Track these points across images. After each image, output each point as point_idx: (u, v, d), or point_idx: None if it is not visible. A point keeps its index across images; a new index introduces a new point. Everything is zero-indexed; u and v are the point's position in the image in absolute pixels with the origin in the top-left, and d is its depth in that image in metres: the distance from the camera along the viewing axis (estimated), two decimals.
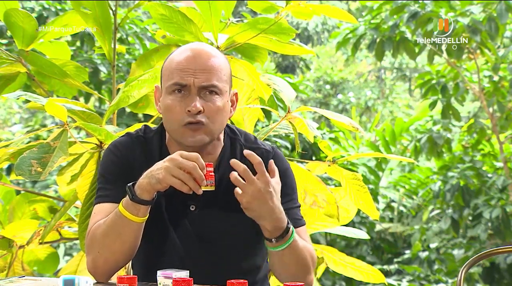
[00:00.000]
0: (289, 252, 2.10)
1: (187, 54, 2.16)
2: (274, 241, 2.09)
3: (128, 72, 6.25)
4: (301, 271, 2.14)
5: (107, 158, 2.23)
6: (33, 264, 3.52)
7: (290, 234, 2.09)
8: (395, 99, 15.48)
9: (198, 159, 2.01)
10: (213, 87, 2.14)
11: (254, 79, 3.24)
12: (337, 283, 8.23)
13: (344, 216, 3.28)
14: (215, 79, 2.14)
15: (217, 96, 2.15)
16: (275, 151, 2.27)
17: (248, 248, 2.24)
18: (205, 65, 2.14)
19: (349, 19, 3.37)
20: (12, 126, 12.35)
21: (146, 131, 2.28)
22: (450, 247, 8.61)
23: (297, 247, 2.11)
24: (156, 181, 2.01)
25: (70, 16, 3.43)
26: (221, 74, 2.16)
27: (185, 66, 2.14)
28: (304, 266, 2.14)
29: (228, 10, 3.31)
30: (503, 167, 8.21)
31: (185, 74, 2.13)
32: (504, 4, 6.76)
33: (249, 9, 3.74)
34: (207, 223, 2.19)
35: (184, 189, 2.01)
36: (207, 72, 2.14)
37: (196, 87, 2.13)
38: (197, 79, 2.13)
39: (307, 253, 2.15)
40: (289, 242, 2.09)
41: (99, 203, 2.18)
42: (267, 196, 2.03)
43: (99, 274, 2.15)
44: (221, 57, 2.20)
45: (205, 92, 2.14)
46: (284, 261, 2.12)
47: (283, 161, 2.26)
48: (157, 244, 2.21)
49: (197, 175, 2.00)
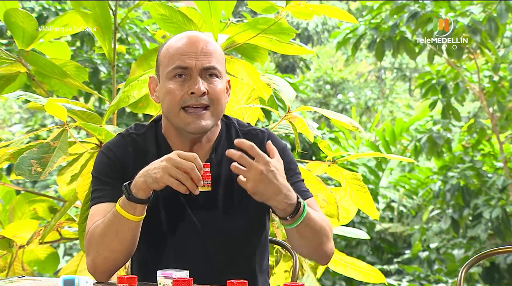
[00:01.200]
0: (306, 226, 2.09)
1: (185, 40, 2.19)
2: (289, 218, 2.07)
3: (128, 72, 6.25)
4: (322, 240, 2.15)
5: (100, 160, 2.23)
6: (33, 264, 3.52)
7: (302, 208, 2.08)
8: (395, 99, 15.48)
9: (196, 159, 2.01)
10: (214, 69, 2.16)
11: (254, 79, 3.24)
12: (337, 283, 8.23)
13: (344, 216, 3.28)
14: (215, 62, 2.17)
15: (218, 79, 2.17)
16: (269, 132, 2.28)
17: (248, 245, 2.23)
18: (205, 48, 2.16)
19: (349, 19, 3.37)
20: (12, 126, 12.35)
21: (137, 128, 2.28)
22: (450, 247, 8.61)
23: (313, 219, 2.11)
24: (153, 180, 2.01)
25: (70, 16, 3.43)
26: (219, 57, 2.19)
27: (185, 50, 2.16)
28: (324, 235, 2.15)
29: (228, 10, 3.31)
30: (503, 167, 8.20)
31: (186, 57, 2.15)
32: (504, 4, 6.76)
33: (249, 9, 3.75)
34: (207, 217, 2.19)
35: (181, 189, 2.01)
36: (208, 54, 2.16)
37: (198, 70, 2.14)
38: (199, 62, 2.14)
39: (323, 222, 2.15)
40: (303, 216, 2.08)
41: (95, 204, 2.18)
42: (270, 176, 2.01)
43: (99, 273, 2.15)
44: (216, 43, 2.23)
45: (206, 75, 2.16)
46: (304, 236, 2.12)
47: (278, 141, 2.27)
48: (156, 243, 2.21)
49: (195, 176, 2.00)
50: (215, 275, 2.13)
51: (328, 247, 2.17)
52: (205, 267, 2.17)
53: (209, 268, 2.17)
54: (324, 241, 2.15)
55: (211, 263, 2.19)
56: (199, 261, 2.18)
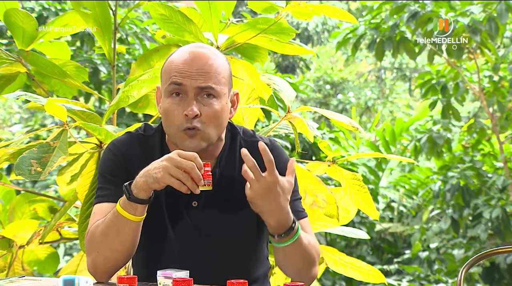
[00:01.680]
0: (294, 248, 2.10)
1: (186, 56, 2.15)
2: (276, 237, 2.08)
3: (128, 72, 6.25)
4: (306, 265, 2.15)
5: (106, 157, 2.22)
6: (33, 264, 3.52)
7: (295, 231, 2.08)
8: (395, 99, 15.48)
9: (196, 158, 2.01)
10: (210, 89, 2.13)
11: (254, 79, 3.24)
12: (337, 283, 8.23)
13: (344, 216, 3.28)
14: (212, 82, 2.13)
15: (215, 99, 2.14)
16: (273, 144, 2.27)
17: (248, 245, 2.24)
18: (202, 67, 2.13)
19: (349, 19, 3.37)
20: (12, 126, 12.35)
21: (146, 129, 2.28)
22: (450, 247, 8.61)
23: (302, 243, 2.11)
24: (154, 180, 2.01)
25: (70, 16, 3.43)
26: (219, 76, 2.15)
27: (182, 68, 2.13)
28: (309, 260, 2.14)
29: (228, 10, 3.31)
30: (503, 167, 8.20)
31: (182, 75, 2.13)
32: (504, 4, 6.76)
33: (249, 9, 3.75)
34: (208, 219, 2.19)
35: (182, 189, 2.01)
36: (205, 74, 2.13)
37: (193, 90, 2.12)
38: (194, 81, 2.12)
39: (312, 248, 2.15)
40: (293, 239, 2.08)
41: (98, 202, 2.18)
42: (273, 196, 2.01)
43: (100, 273, 2.15)
44: (220, 59, 2.18)
45: (202, 95, 2.13)
46: (289, 257, 2.12)
47: (282, 153, 2.26)
48: (157, 243, 2.21)
49: (195, 175, 2.00)
50: (215, 275, 2.14)
51: (311, 272, 2.17)
52: (204, 267, 2.17)
53: (209, 268, 2.17)
54: (309, 266, 2.15)
55: (211, 263, 2.19)
56: (199, 261, 2.18)
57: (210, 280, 2.09)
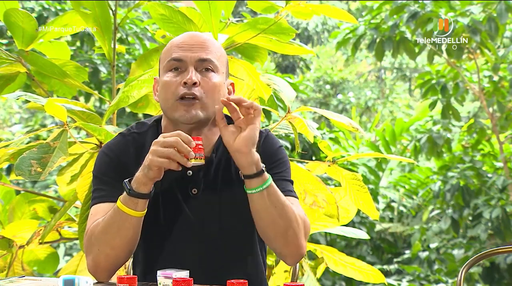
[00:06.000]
0: (270, 199, 2.08)
1: (185, 35, 2.23)
2: (248, 180, 2.07)
3: (128, 72, 6.25)
4: (287, 227, 2.10)
5: (100, 160, 2.23)
6: (33, 264, 3.52)
7: (266, 176, 2.08)
8: (395, 99, 15.48)
9: (179, 134, 2.02)
10: (209, 63, 2.16)
11: (254, 79, 3.24)
12: (337, 283, 8.23)
13: (344, 216, 3.28)
14: (211, 56, 2.17)
15: (214, 73, 2.17)
16: (267, 132, 2.28)
17: (246, 242, 2.24)
18: (202, 42, 2.19)
19: (349, 19, 3.37)
20: (12, 126, 12.35)
21: (138, 126, 2.28)
22: (450, 247, 8.61)
23: (278, 195, 2.09)
24: (147, 168, 2.02)
25: (70, 16, 3.43)
26: (217, 53, 2.20)
27: (182, 42, 2.18)
28: (289, 221, 2.10)
29: (228, 10, 3.31)
30: (503, 167, 8.20)
31: (181, 49, 2.17)
32: (504, 4, 6.76)
33: (249, 9, 3.75)
34: (209, 205, 2.19)
35: (172, 166, 2.01)
36: (205, 48, 2.18)
37: (193, 62, 2.15)
38: (194, 54, 2.16)
39: (292, 211, 2.12)
40: (266, 183, 2.07)
41: (96, 204, 2.18)
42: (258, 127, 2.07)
43: (101, 271, 2.14)
44: (218, 43, 2.24)
45: (201, 68, 2.16)
46: (266, 210, 2.08)
47: (275, 140, 2.28)
48: (155, 243, 2.21)
49: (182, 148, 2.00)
50: (215, 275, 2.14)
51: (297, 240, 2.12)
52: (204, 267, 2.17)
53: (208, 268, 2.18)
54: (293, 228, 2.11)
55: (210, 263, 2.19)
56: (198, 261, 2.18)
57: (209, 280, 2.09)
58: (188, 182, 2.18)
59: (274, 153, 2.22)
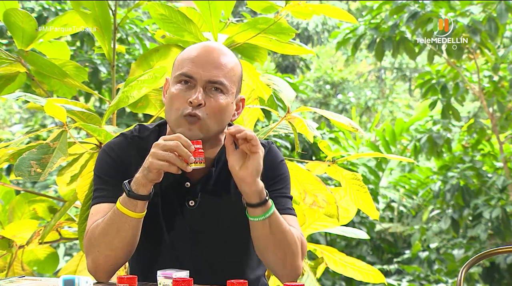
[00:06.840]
0: (271, 227, 2.08)
1: (201, 48, 2.17)
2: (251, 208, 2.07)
3: (128, 72, 6.25)
4: (286, 252, 2.11)
5: (101, 159, 2.22)
6: (33, 264, 3.52)
7: (269, 204, 2.07)
8: (395, 99, 15.48)
9: (179, 137, 2.01)
10: (219, 84, 2.13)
11: (254, 79, 3.24)
12: (337, 283, 8.23)
13: (344, 216, 3.28)
14: (223, 77, 2.13)
15: (222, 95, 2.14)
16: (270, 146, 2.27)
17: (246, 244, 2.23)
18: (215, 61, 2.14)
19: (349, 19, 3.36)
20: (12, 126, 12.35)
21: (141, 130, 2.27)
22: (450, 247, 8.61)
23: (280, 223, 2.09)
24: (147, 170, 2.02)
25: (70, 16, 3.43)
26: (230, 74, 2.15)
27: (195, 58, 2.14)
28: (289, 246, 2.11)
29: (227, 10, 3.31)
30: (503, 167, 8.20)
31: (193, 65, 2.13)
32: (504, 4, 6.76)
33: (249, 9, 3.75)
34: (205, 218, 2.19)
35: (172, 169, 2.00)
36: (217, 68, 2.13)
37: (202, 81, 2.12)
38: (204, 73, 2.12)
39: (292, 236, 2.12)
40: (269, 212, 2.07)
41: (96, 204, 2.18)
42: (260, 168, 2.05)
43: (100, 272, 2.14)
44: (234, 59, 2.19)
45: (210, 87, 2.13)
46: (267, 236, 2.09)
47: (278, 154, 2.27)
48: (154, 243, 2.21)
49: (182, 152, 1.99)
50: (215, 275, 2.14)
51: (295, 262, 2.13)
52: (203, 267, 2.17)
53: (208, 268, 2.18)
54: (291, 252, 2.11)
55: (209, 263, 2.19)
56: (197, 261, 2.18)
57: (209, 280, 2.09)
58: (186, 194, 2.18)
59: (276, 167, 2.21)
